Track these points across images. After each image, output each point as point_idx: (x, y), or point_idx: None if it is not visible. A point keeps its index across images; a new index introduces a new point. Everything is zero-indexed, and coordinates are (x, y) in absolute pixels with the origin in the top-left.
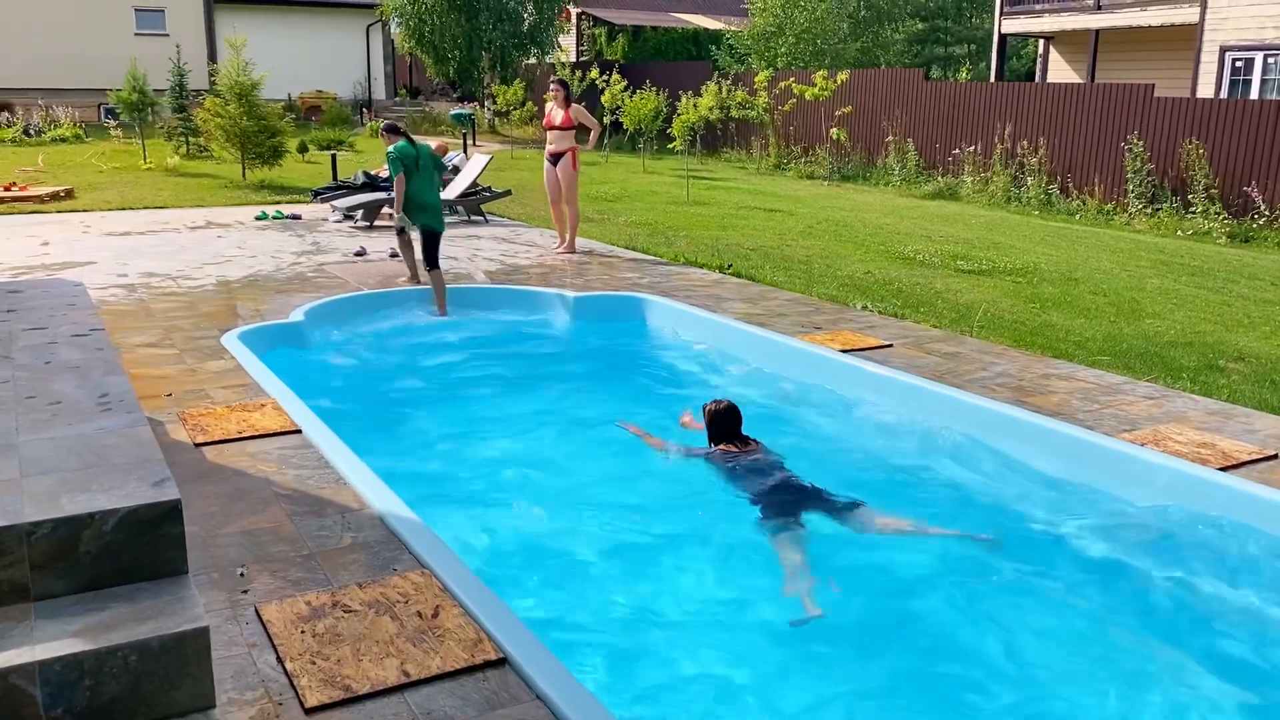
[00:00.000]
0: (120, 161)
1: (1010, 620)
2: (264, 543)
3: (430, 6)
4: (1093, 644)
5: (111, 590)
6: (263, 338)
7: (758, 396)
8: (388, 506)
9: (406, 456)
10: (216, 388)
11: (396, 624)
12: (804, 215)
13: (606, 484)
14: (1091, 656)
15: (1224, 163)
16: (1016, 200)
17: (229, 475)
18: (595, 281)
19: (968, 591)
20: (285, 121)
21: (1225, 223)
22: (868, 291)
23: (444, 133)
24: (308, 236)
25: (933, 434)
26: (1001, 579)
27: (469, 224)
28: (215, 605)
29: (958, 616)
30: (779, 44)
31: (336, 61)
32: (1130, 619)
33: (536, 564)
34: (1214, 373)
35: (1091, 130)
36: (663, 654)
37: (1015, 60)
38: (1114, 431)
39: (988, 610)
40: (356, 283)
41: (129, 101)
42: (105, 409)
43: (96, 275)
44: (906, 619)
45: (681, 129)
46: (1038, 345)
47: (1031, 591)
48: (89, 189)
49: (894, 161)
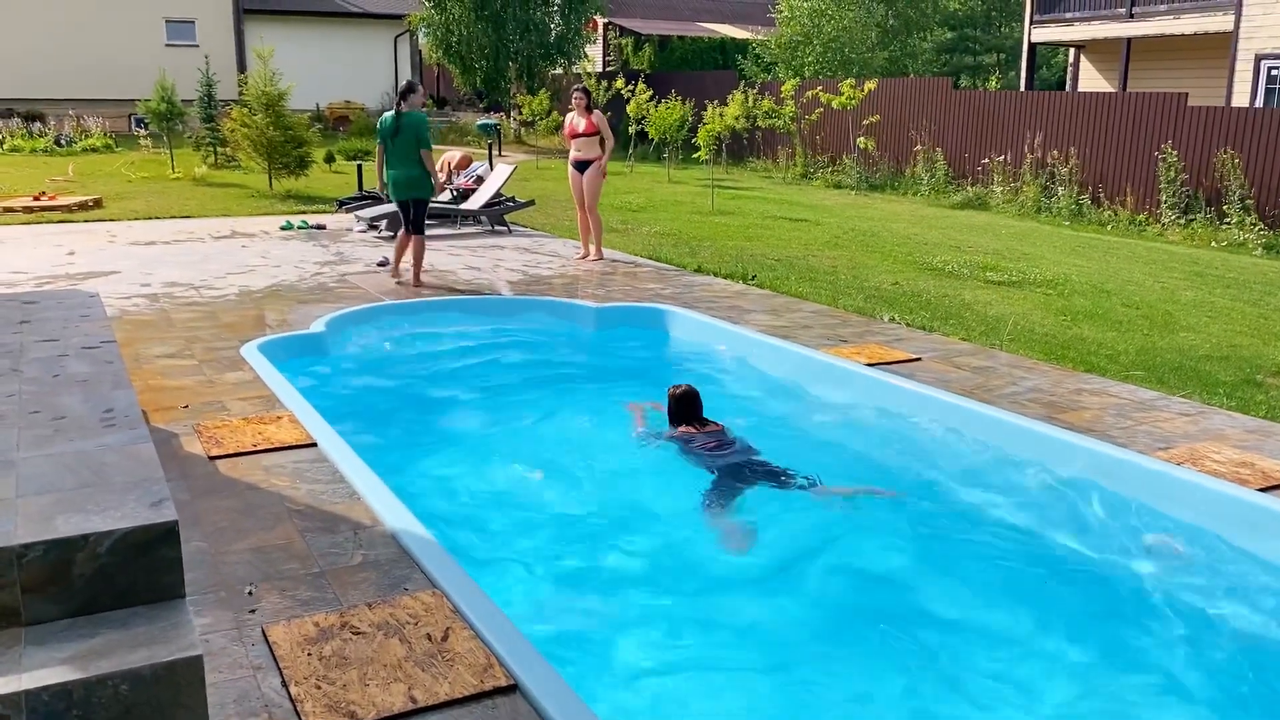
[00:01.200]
0: (149, 171)
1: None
2: (274, 560)
3: (458, 17)
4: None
5: (104, 615)
6: (282, 349)
7: (783, 411)
8: (401, 523)
9: (423, 471)
10: (234, 399)
11: (405, 647)
12: (830, 225)
13: (628, 501)
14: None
15: (1260, 173)
16: (1047, 210)
17: (242, 489)
18: (617, 292)
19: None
20: (312, 132)
21: (1261, 234)
22: (895, 303)
23: (470, 143)
24: (331, 246)
25: (967, 450)
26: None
27: (492, 234)
28: (221, 625)
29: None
30: (806, 53)
31: (364, 72)
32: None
33: (554, 583)
34: (1252, 388)
35: (1123, 140)
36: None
37: (1045, 69)
38: (1149, 450)
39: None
40: (378, 293)
41: (158, 111)
42: (109, 425)
43: (120, 285)
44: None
45: (707, 138)
46: (1069, 359)
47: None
48: (117, 198)
49: (922, 171)
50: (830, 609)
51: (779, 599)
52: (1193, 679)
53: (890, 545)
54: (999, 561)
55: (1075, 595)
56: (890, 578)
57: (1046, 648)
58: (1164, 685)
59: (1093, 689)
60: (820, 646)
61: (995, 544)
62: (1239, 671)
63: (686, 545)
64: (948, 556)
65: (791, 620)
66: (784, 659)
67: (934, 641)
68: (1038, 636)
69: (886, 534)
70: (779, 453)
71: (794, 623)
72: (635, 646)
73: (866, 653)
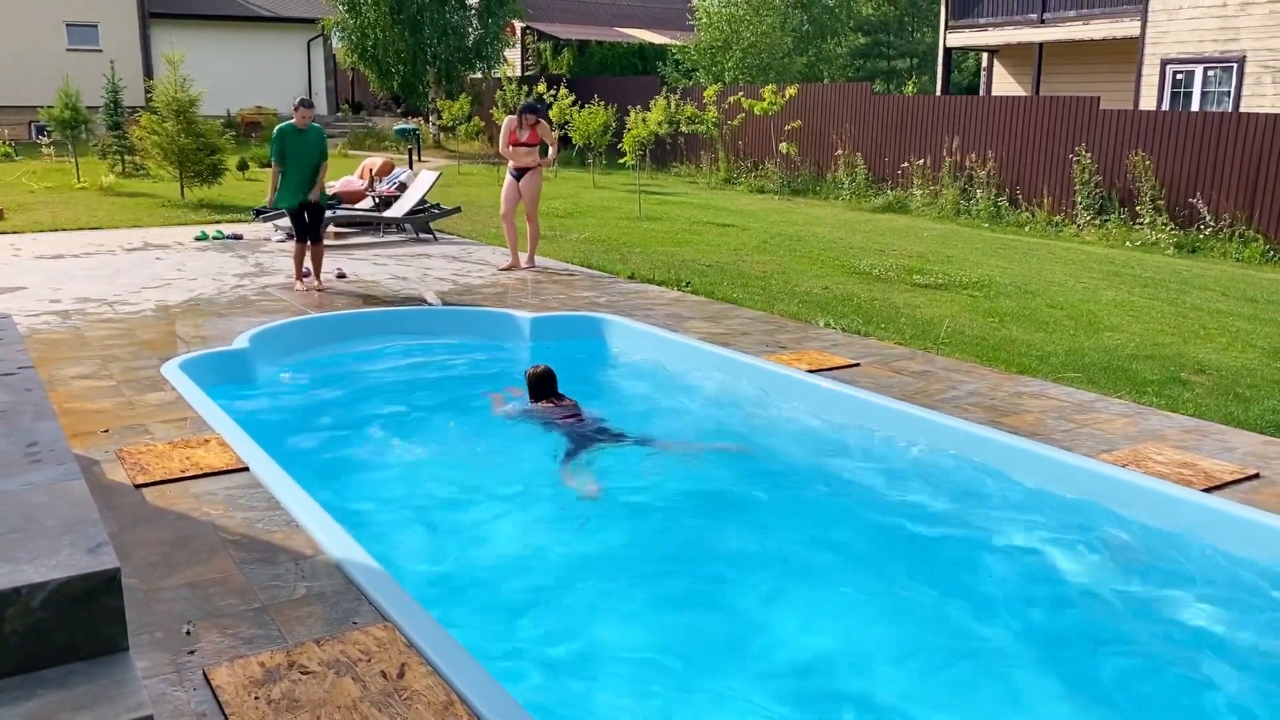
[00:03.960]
0: (53, 181)
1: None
2: (211, 595)
3: (373, 21)
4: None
5: (40, 674)
6: (205, 367)
7: (732, 423)
8: (344, 552)
9: (361, 494)
10: (157, 422)
11: (359, 686)
12: (757, 230)
13: (566, 518)
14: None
15: (1169, 174)
16: (966, 213)
17: (172, 519)
18: (552, 301)
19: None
20: (224, 139)
21: (1172, 233)
22: (828, 308)
23: (388, 148)
24: (250, 257)
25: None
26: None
27: (418, 242)
28: (159, 669)
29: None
30: (726, 59)
31: (276, 76)
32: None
33: (498, 601)
34: (1178, 386)
35: (1039, 142)
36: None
37: (956, 73)
38: (1093, 452)
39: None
40: (301, 305)
41: (62, 119)
42: (34, 460)
43: (27, 301)
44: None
45: (633, 144)
46: (1001, 361)
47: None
48: (19, 210)
49: (843, 175)
50: (669, 539)
51: (626, 538)
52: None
53: (719, 492)
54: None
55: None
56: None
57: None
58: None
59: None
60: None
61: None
62: (1211, 678)
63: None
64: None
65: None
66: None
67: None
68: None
69: (713, 482)
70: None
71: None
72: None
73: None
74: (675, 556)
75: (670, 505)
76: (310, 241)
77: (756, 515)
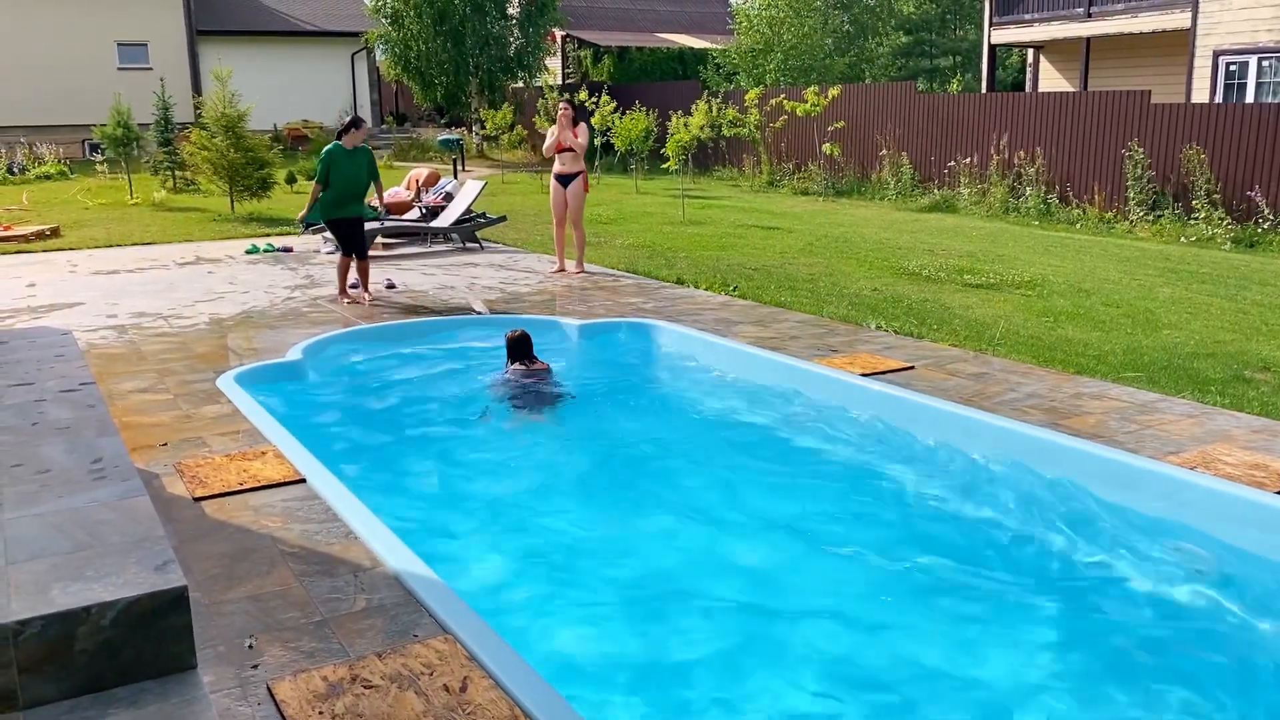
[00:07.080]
0: (106, 197)
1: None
2: (272, 609)
3: (416, 33)
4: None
5: (111, 693)
6: (260, 378)
7: (786, 431)
8: (403, 564)
9: (418, 504)
10: (214, 435)
11: (423, 700)
12: (802, 232)
13: (628, 526)
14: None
15: (1225, 167)
16: (1015, 211)
17: (231, 532)
18: (599, 308)
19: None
20: (272, 152)
21: (1229, 228)
22: (879, 310)
23: (432, 159)
24: (300, 270)
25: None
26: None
27: (464, 251)
28: (224, 683)
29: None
30: (767, 62)
31: (322, 90)
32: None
33: (562, 614)
34: (1243, 385)
35: (1089, 138)
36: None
37: (1000, 70)
38: (1160, 454)
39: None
40: (351, 316)
41: (114, 136)
42: (99, 477)
43: (84, 316)
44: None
45: (676, 148)
46: (1058, 361)
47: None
48: (75, 226)
49: (888, 175)
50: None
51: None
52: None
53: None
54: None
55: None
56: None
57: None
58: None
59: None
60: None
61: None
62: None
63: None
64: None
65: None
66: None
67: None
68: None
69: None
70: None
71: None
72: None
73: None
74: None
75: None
76: (356, 256)
77: (826, 538)
